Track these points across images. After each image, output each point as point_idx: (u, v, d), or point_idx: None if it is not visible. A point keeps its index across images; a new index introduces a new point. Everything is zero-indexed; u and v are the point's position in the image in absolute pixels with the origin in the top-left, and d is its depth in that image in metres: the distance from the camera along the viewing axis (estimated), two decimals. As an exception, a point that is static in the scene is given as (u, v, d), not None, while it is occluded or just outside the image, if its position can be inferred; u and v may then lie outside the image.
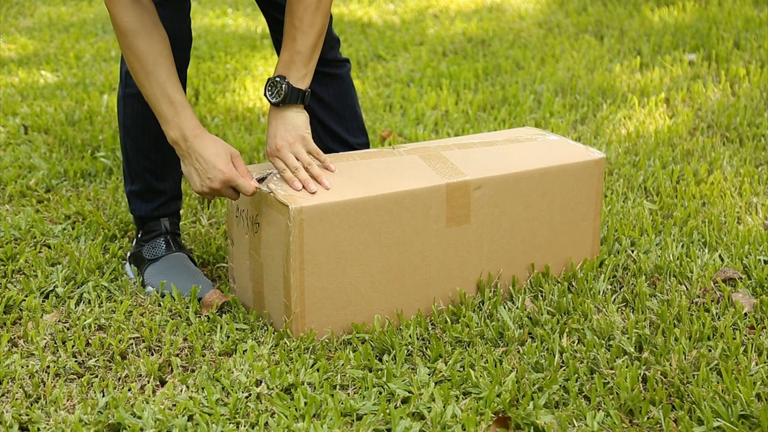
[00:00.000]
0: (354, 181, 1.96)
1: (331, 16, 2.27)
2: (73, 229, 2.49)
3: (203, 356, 1.89)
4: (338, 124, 2.35)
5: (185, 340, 1.96)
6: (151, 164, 2.21)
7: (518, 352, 1.90)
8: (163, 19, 1.98)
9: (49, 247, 2.38)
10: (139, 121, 2.17)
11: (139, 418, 1.68)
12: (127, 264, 2.28)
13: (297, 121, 1.99)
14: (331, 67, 2.32)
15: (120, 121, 2.22)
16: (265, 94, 1.99)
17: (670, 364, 1.82)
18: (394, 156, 2.07)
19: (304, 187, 1.91)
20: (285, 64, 1.99)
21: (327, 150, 2.35)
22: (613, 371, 1.81)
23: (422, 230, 1.98)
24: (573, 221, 2.18)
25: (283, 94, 1.96)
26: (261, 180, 1.97)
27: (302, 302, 1.89)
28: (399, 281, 1.99)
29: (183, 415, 1.69)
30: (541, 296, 2.11)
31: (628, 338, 1.91)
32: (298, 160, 1.96)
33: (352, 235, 1.91)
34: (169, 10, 2.03)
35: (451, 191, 1.99)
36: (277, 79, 1.97)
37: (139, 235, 2.28)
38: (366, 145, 2.41)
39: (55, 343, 1.93)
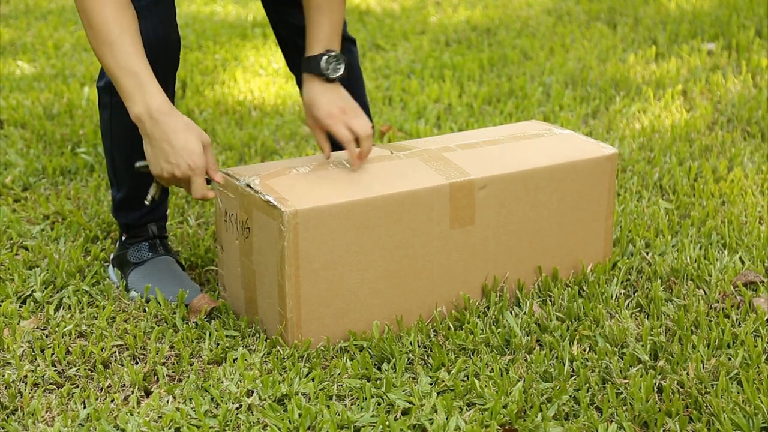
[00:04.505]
0: (352, 182, 1.96)
1: None
2: (52, 229, 2.50)
3: (191, 365, 1.90)
4: None
5: (172, 347, 1.97)
6: (141, 174, 2.20)
7: (526, 360, 1.91)
8: (152, 22, 1.96)
9: (27, 249, 2.39)
10: (130, 133, 2.14)
11: (123, 430, 1.69)
12: (110, 267, 2.28)
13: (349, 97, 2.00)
14: None
15: (105, 129, 2.18)
16: (313, 71, 1.95)
17: (687, 374, 1.82)
18: (393, 160, 2.07)
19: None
20: (327, 37, 1.94)
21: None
22: (627, 381, 1.81)
23: (424, 233, 1.99)
24: (584, 221, 2.19)
25: (344, 65, 1.92)
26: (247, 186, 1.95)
27: (298, 311, 1.90)
28: (400, 287, 1.99)
29: (169, 428, 1.70)
30: (550, 301, 2.11)
31: (642, 346, 1.92)
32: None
33: (350, 239, 1.91)
34: (158, 12, 2.00)
35: (454, 191, 2.00)
36: (333, 52, 1.95)
37: (123, 238, 2.29)
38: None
39: (33, 351, 1.94)
